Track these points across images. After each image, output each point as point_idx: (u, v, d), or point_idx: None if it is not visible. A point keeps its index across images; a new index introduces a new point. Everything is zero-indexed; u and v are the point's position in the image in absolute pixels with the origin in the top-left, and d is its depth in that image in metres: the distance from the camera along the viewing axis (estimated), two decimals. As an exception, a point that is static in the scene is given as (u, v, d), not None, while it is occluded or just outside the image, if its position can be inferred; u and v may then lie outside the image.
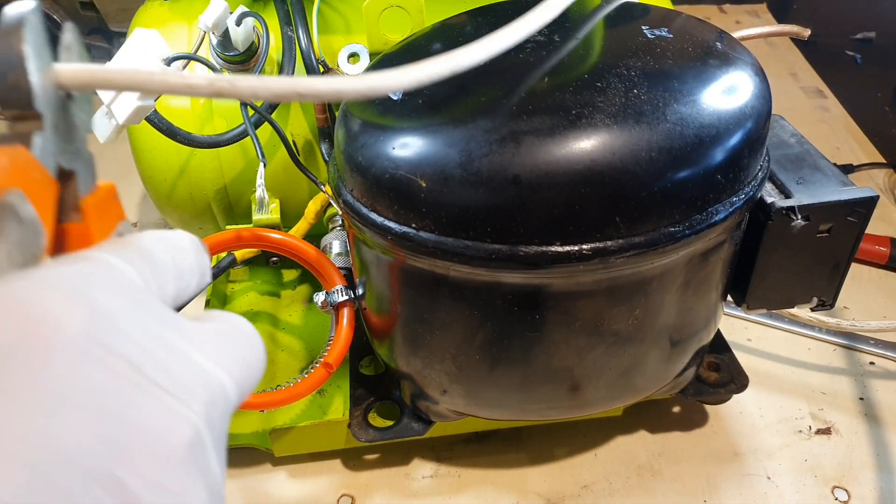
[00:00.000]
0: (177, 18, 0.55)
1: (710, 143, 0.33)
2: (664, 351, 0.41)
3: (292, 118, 0.54)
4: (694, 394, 0.49)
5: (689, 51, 0.37)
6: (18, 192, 0.18)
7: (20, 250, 0.18)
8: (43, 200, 0.19)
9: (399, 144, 0.34)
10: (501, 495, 0.49)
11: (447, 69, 0.28)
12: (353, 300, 0.46)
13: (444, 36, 0.41)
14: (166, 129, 0.49)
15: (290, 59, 0.51)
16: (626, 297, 0.36)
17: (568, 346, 0.37)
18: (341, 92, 0.25)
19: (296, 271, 0.61)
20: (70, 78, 0.20)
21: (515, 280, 0.34)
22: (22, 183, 0.18)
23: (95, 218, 0.20)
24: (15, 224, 0.18)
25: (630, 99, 0.33)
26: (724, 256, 0.38)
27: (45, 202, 0.19)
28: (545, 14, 0.34)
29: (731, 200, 0.35)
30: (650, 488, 0.50)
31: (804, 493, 0.49)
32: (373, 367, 0.51)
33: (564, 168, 0.31)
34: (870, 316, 0.64)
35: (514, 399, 0.42)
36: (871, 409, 0.55)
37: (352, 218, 0.37)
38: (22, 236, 0.18)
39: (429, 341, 0.40)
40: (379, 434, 0.47)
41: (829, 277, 0.41)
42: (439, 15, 0.45)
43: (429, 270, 0.35)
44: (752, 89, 0.36)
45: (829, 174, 0.40)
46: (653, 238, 0.33)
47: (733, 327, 0.62)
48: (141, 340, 0.17)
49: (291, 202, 0.56)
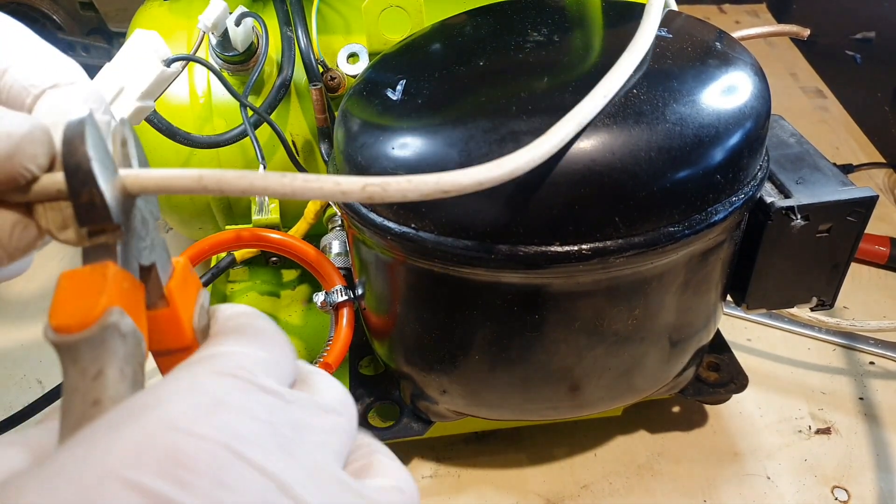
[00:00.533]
0: (176, 19, 0.55)
1: (710, 143, 0.33)
2: (664, 351, 0.41)
3: (292, 118, 0.54)
4: (694, 394, 0.49)
5: (688, 51, 0.37)
6: (118, 310, 0.18)
7: (128, 363, 0.18)
8: (136, 307, 0.19)
9: (398, 144, 0.34)
10: (501, 495, 0.49)
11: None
12: (352, 300, 0.46)
13: (443, 36, 0.41)
14: (166, 130, 0.49)
15: (289, 59, 0.51)
16: (625, 298, 0.36)
17: (567, 346, 0.37)
18: (482, 183, 0.26)
19: (295, 271, 0.61)
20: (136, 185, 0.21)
21: (515, 280, 0.34)
22: (117, 298, 0.19)
23: (179, 298, 0.21)
24: (120, 341, 0.18)
25: (629, 99, 0.33)
26: (723, 256, 0.38)
27: (137, 308, 0.20)
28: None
29: (730, 200, 0.35)
30: (650, 488, 0.50)
31: (804, 492, 0.49)
32: (372, 367, 0.51)
33: (564, 168, 0.31)
34: (870, 316, 0.64)
35: (513, 399, 0.42)
36: (870, 409, 0.55)
37: (351, 218, 0.37)
38: (127, 350, 0.18)
39: (428, 341, 0.40)
40: (378, 434, 0.47)
41: (828, 277, 0.41)
42: (439, 15, 0.45)
43: (428, 270, 0.35)
44: (752, 89, 0.36)
45: (828, 174, 0.40)
46: (652, 238, 0.33)
47: (733, 327, 0.62)
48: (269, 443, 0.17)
49: (291, 202, 0.56)
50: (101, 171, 0.19)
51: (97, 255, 0.20)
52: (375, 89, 0.37)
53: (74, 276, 0.19)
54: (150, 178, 0.21)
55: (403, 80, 0.37)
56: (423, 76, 0.37)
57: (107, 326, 0.18)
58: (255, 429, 0.17)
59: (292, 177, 0.22)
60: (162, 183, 0.21)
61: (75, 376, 0.18)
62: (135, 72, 0.40)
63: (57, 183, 0.20)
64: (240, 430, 0.17)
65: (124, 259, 0.20)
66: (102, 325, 0.18)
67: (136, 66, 0.40)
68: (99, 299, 0.18)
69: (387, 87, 0.37)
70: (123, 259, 0.20)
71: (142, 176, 0.21)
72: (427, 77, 0.37)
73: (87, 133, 0.19)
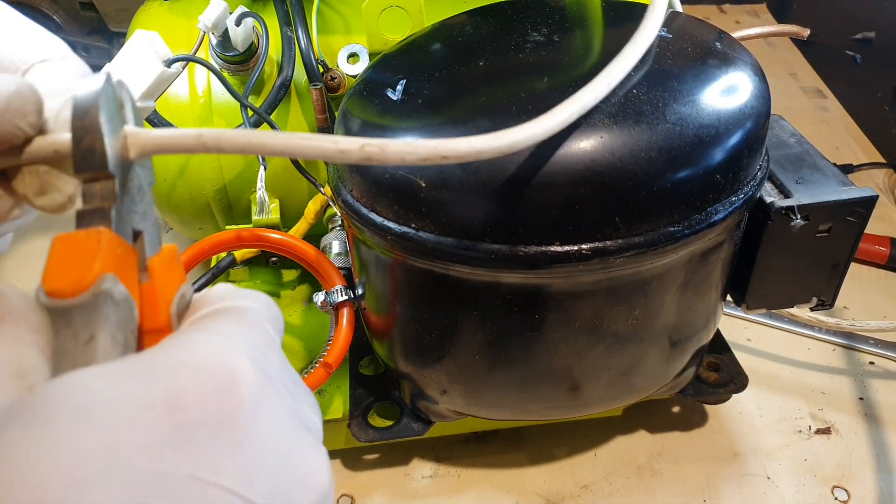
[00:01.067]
0: (176, 19, 0.55)
1: (710, 143, 0.33)
2: (664, 351, 0.41)
3: (292, 118, 0.54)
4: (694, 394, 0.49)
5: (688, 51, 0.37)
6: (112, 277, 0.18)
7: (120, 329, 0.19)
8: (129, 273, 0.19)
9: (398, 144, 0.34)
10: (501, 495, 0.49)
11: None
12: (352, 300, 0.46)
13: (443, 36, 0.41)
14: (166, 130, 0.49)
15: (289, 59, 0.51)
16: (625, 297, 0.36)
17: (567, 345, 0.37)
18: (482, 152, 0.26)
19: (295, 271, 0.61)
20: (138, 142, 0.21)
21: (515, 280, 0.34)
22: (111, 264, 0.19)
23: (161, 278, 0.21)
24: (112, 307, 0.18)
25: (629, 99, 0.33)
26: (723, 256, 0.38)
27: (130, 274, 0.20)
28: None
29: (730, 200, 0.35)
30: (650, 488, 0.50)
31: (804, 492, 0.49)
32: (372, 367, 0.51)
33: (564, 168, 0.31)
34: (869, 316, 0.64)
35: (513, 399, 0.42)
36: (870, 409, 0.55)
37: (351, 218, 0.37)
38: (119, 316, 0.19)
39: (428, 341, 0.40)
40: (378, 434, 0.47)
41: (828, 277, 0.41)
42: (439, 15, 0.45)
43: (428, 270, 0.35)
44: (752, 89, 0.36)
45: (828, 174, 0.40)
46: (652, 238, 0.33)
47: (733, 327, 0.62)
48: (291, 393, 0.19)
49: (291, 202, 0.56)
50: (107, 121, 0.20)
51: (92, 220, 0.20)
52: (375, 89, 0.37)
53: (68, 240, 0.19)
54: (151, 136, 0.21)
55: (403, 80, 0.37)
56: (424, 76, 0.37)
57: (99, 293, 0.18)
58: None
59: (290, 135, 0.22)
60: (163, 142, 0.21)
61: (67, 339, 0.18)
62: (135, 72, 0.40)
63: (53, 143, 0.20)
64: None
65: (118, 225, 0.20)
66: (95, 291, 0.18)
67: (137, 66, 0.40)
68: (92, 265, 0.18)
69: (387, 87, 0.37)
70: (118, 225, 0.20)
71: (143, 134, 0.21)
72: (427, 77, 0.37)
73: (101, 91, 0.20)
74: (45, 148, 0.20)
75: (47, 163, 0.21)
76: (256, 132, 0.22)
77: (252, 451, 0.17)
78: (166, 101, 0.52)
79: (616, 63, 0.32)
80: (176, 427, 0.16)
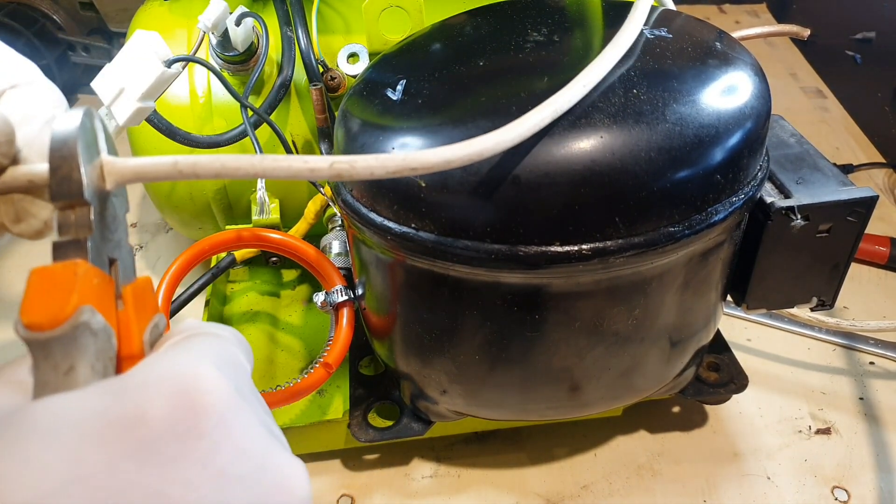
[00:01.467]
0: (176, 18, 0.55)
1: (710, 143, 0.33)
2: (664, 351, 0.41)
3: (292, 118, 0.54)
4: (694, 394, 0.49)
5: (688, 51, 0.37)
6: (90, 308, 0.19)
7: (99, 358, 0.19)
8: (106, 302, 0.20)
9: (399, 144, 0.34)
10: (501, 495, 0.49)
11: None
12: (352, 300, 0.46)
13: (443, 36, 0.41)
14: (166, 130, 0.49)
15: (289, 59, 0.51)
16: (625, 298, 0.36)
17: (568, 346, 0.37)
18: (450, 161, 0.26)
19: (295, 271, 0.61)
20: (114, 170, 0.21)
21: (515, 280, 0.34)
22: (88, 296, 0.19)
23: (134, 307, 0.21)
24: (91, 338, 0.19)
25: (629, 99, 0.33)
26: (723, 256, 0.38)
27: (108, 303, 0.20)
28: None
29: (730, 200, 0.35)
30: (650, 488, 0.50)
31: (804, 493, 0.49)
32: (372, 367, 0.51)
33: (564, 168, 0.31)
34: (869, 316, 0.64)
35: (513, 399, 0.42)
36: (870, 409, 0.55)
37: (351, 218, 0.37)
38: (98, 346, 0.19)
39: (428, 341, 0.40)
40: (379, 434, 0.47)
41: (828, 277, 0.41)
42: (439, 15, 0.45)
43: (428, 270, 0.35)
44: (752, 89, 0.36)
45: (828, 174, 0.40)
46: (652, 238, 0.33)
47: (733, 327, 0.62)
48: (262, 407, 0.20)
49: (291, 202, 0.56)
50: (83, 150, 0.20)
51: (68, 252, 0.20)
52: (375, 89, 0.37)
53: (45, 273, 0.19)
54: (128, 164, 0.21)
55: (403, 80, 0.37)
56: (423, 76, 0.37)
57: (78, 325, 0.18)
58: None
59: (261, 157, 0.22)
60: (139, 170, 0.21)
61: (47, 371, 0.18)
62: (135, 72, 0.40)
63: (27, 174, 0.21)
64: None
65: (94, 255, 0.20)
66: (73, 323, 0.18)
67: (137, 66, 0.40)
68: (70, 298, 0.18)
69: (387, 87, 0.37)
70: (94, 255, 0.20)
71: (119, 163, 0.21)
72: (427, 77, 0.37)
73: (80, 125, 0.20)
74: (19, 178, 0.21)
75: (22, 192, 0.21)
76: (230, 157, 0.22)
77: (224, 460, 0.17)
78: (166, 102, 0.52)
79: (593, 66, 0.32)
80: (142, 442, 0.16)
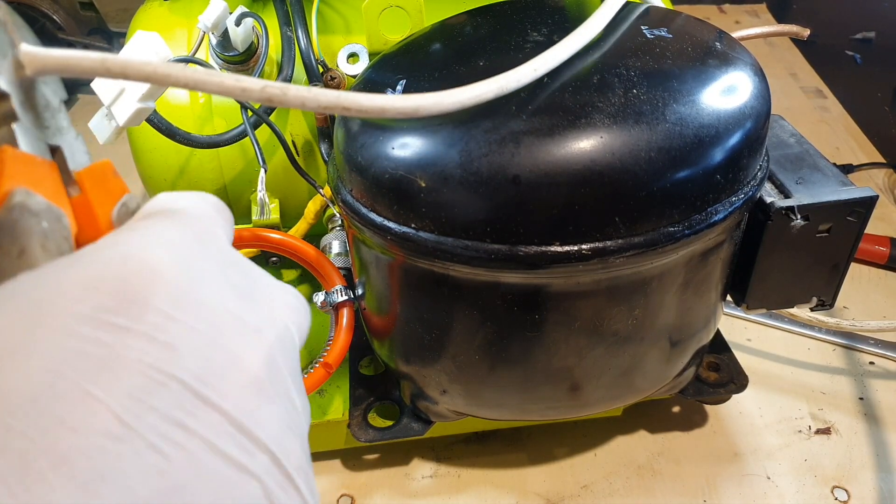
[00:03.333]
0: (176, 18, 0.55)
1: (710, 143, 0.33)
2: (664, 351, 0.41)
3: (292, 118, 0.54)
4: (694, 394, 0.49)
5: (688, 51, 0.37)
6: (23, 190, 0.18)
7: (49, 238, 0.19)
8: (50, 185, 0.20)
9: (398, 144, 0.34)
10: (501, 495, 0.49)
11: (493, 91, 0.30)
12: (352, 300, 0.46)
13: (443, 36, 0.41)
14: (166, 130, 0.49)
15: (289, 59, 0.51)
16: (625, 298, 0.36)
17: (568, 346, 0.37)
18: (385, 109, 0.26)
19: (296, 271, 0.61)
20: (33, 62, 0.21)
21: (515, 280, 0.34)
22: (21, 178, 0.19)
23: (93, 189, 0.21)
24: (34, 219, 0.18)
25: (629, 99, 0.33)
26: (723, 256, 0.38)
27: (52, 186, 0.20)
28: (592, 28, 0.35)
29: (730, 200, 0.35)
30: (650, 488, 0.50)
31: (804, 493, 0.49)
32: (372, 367, 0.51)
33: (564, 168, 0.31)
34: (869, 316, 0.64)
35: (513, 399, 0.42)
36: (870, 409, 0.55)
37: (351, 218, 0.37)
38: (45, 226, 0.19)
39: (428, 341, 0.40)
40: (379, 434, 0.47)
41: (828, 277, 0.41)
42: (439, 15, 0.45)
43: (428, 270, 0.35)
44: (752, 89, 0.36)
45: (828, 174, 0.40)
46: (652, 238, 0.33)
47: (733, 327, 0.62)
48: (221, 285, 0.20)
49: (291, 202, 0.56)
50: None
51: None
52: (375, 89, 0.37)
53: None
54: (50, 54, 0.21)
55: (403, 80, 0.37)
56: (423, 76, 0.37)
57: (13, 207, 0.18)
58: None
59: (194, 69, 0.23)
60: (61, 61, 0.21)
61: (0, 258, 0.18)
62: (135, 72, 0.40)
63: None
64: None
65: (28, 142, 0.20)
66: (8, 206, 0.18)
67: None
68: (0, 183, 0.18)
69: (387, 87, 0.37)
70: (26, 141, 0.20)
71: (39, 52, 0.21)
72: (427, 77, 0.37)
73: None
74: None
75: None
76: (163, 64, 0.22)
77: (172, 335, 0.18)
78: (166, 102, 0.52)
79: (550, 52, 0.33)
80: (93, 310, 0.17)
